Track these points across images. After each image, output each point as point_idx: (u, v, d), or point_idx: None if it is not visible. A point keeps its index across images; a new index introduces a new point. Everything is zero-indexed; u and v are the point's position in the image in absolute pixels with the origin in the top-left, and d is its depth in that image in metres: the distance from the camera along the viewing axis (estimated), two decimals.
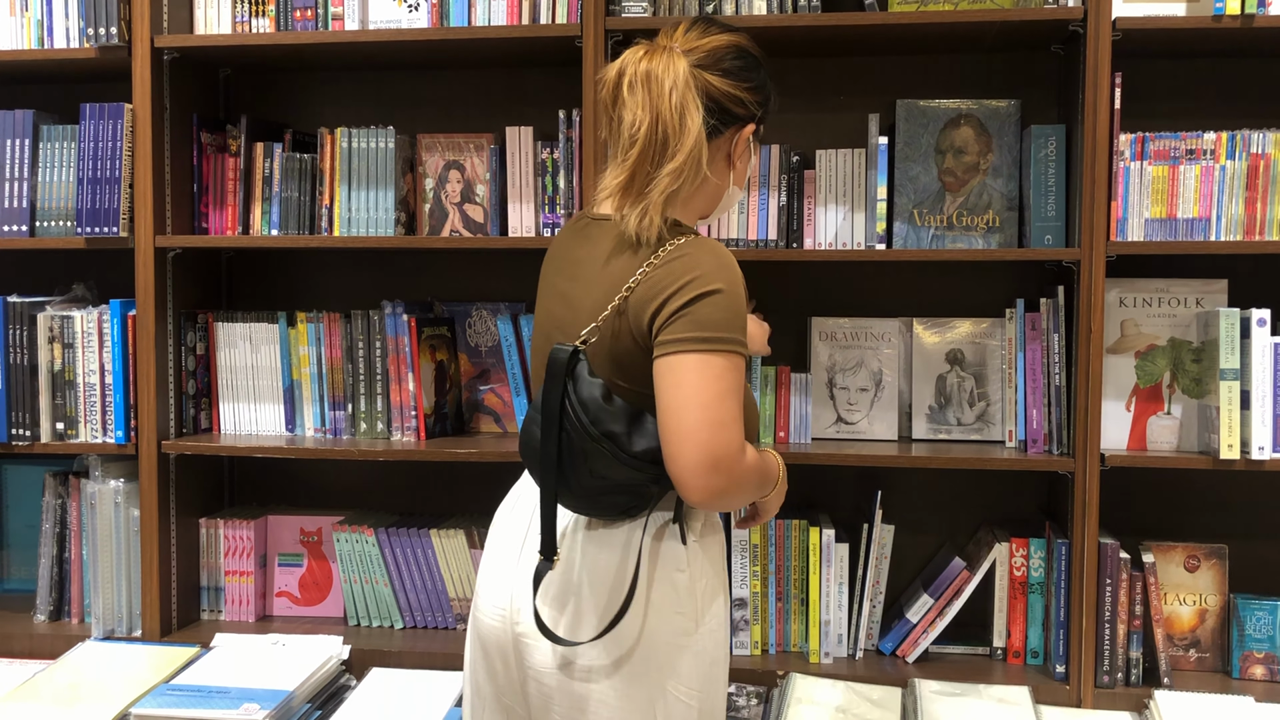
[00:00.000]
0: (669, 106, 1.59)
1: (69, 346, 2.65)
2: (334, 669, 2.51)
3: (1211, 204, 2.37)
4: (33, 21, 2.65)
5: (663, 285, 1.56)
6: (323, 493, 2.89)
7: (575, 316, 1.64)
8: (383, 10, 2.58)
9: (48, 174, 2.65)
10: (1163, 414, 2.46)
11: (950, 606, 2.49)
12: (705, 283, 1.55)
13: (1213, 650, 2.49)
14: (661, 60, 1.62)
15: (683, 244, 1.59)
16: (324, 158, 2.62)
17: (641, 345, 1.58)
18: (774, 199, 2.52)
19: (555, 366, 1.56)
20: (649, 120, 1.60)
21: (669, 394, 1.53)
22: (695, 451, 1.51)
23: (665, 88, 1.59)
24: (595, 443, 1.55)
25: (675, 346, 1.53)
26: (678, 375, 1.52)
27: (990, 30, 2.42)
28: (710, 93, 1.63)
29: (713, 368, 1.52)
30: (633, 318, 1.57)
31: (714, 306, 1.54)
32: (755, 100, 1.69)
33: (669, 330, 1.54)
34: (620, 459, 1.56)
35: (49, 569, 2.75)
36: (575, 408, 1.55)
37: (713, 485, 1.52)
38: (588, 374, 1.56)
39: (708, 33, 1.68)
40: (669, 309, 1.54)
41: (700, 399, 1.51)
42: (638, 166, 1.62)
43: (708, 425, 1.51)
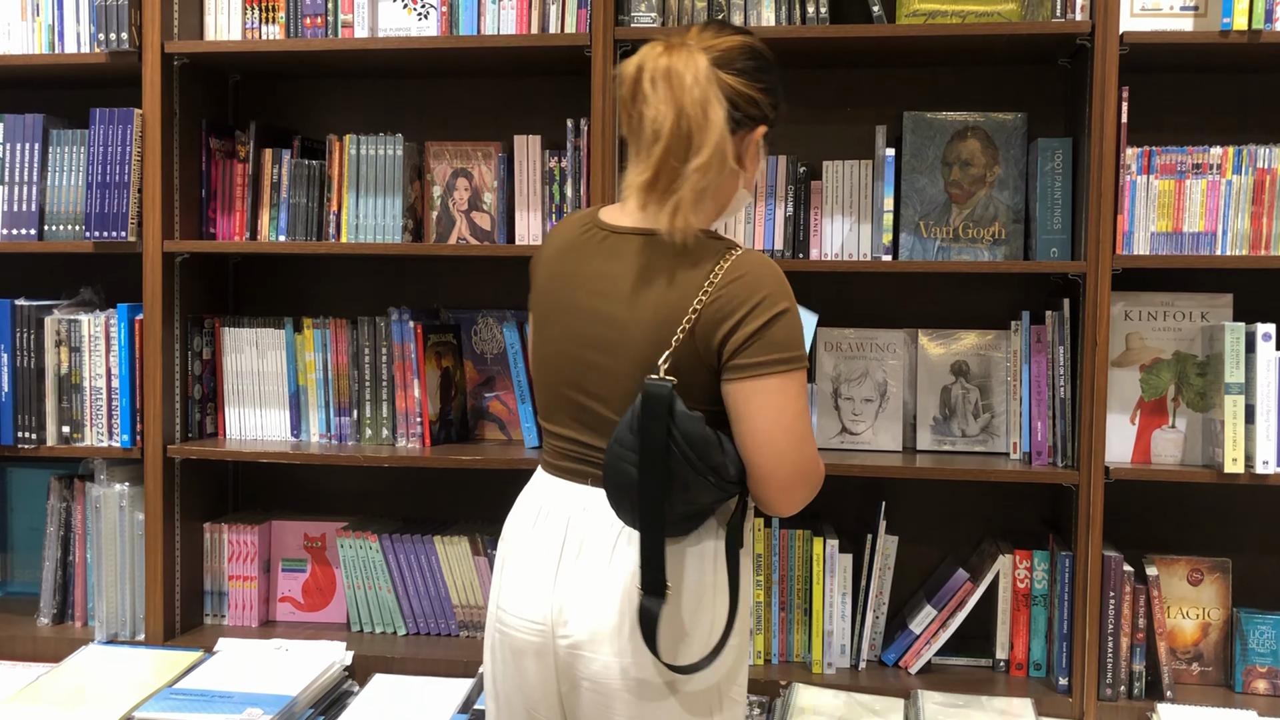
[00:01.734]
0: (692, 101, 1.57)
1: (76, 350, 2.65)
2: (337, 675, 2.51)
3: (1217, 218, 2.38)
4: (44, 26, 2.67)
5: (731, 307, 1.57)
6: (327, 498, 2.90)
7: (623, 338, 1.62)
8: (392, 18, 2.59)
9: (57, 178, 2.66)
10: (1167, 427, 2.46)
11: (953, 618, 2.49)
12: (774, 303, 1.58)
13: (1215, 664, 2.49)
14: (682, 56, 1.60)
15: (736, 260, 1.60)
16: (332, 164, 2.63)
17: (707, 365, 1.59)
18: (780, 209, 2.53)
19: (656, 404, 1.54)
20: (673, 115, 1.58)
21: (757, 418, 1.56)
22: (789, 472, 1.57)
23: (687, 82, 1.58)
24: (701, 476, 1.56)
25: (757, 370, 1.56)
26: (764, 399, 1.56)
27: (998, 43, 2.42)
28: (725, 92, 1.62)
29: (793, 387, 1.57)
30: (700, 340, 1.58)
31: (785, 327, 1.58)
32: (768, 102, 1.69)
33: (746, 354, 1.56)
34: (720, 487, 1.59)
35: (53, 572, 2.76)
36: (681, 445, 1.54)
37: (801, 498, 1.62)
38: (685, 408, 1.55)
39: (722, 33, 1.68)
40: (743, 332, 1.56)
41: (786, 421, 1.56)
42: (662, 163, 1.60)
43: (796, 445, 1.57)
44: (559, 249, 1.75)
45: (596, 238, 1.70)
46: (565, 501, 1.70)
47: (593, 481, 1.67)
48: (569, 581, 1.65)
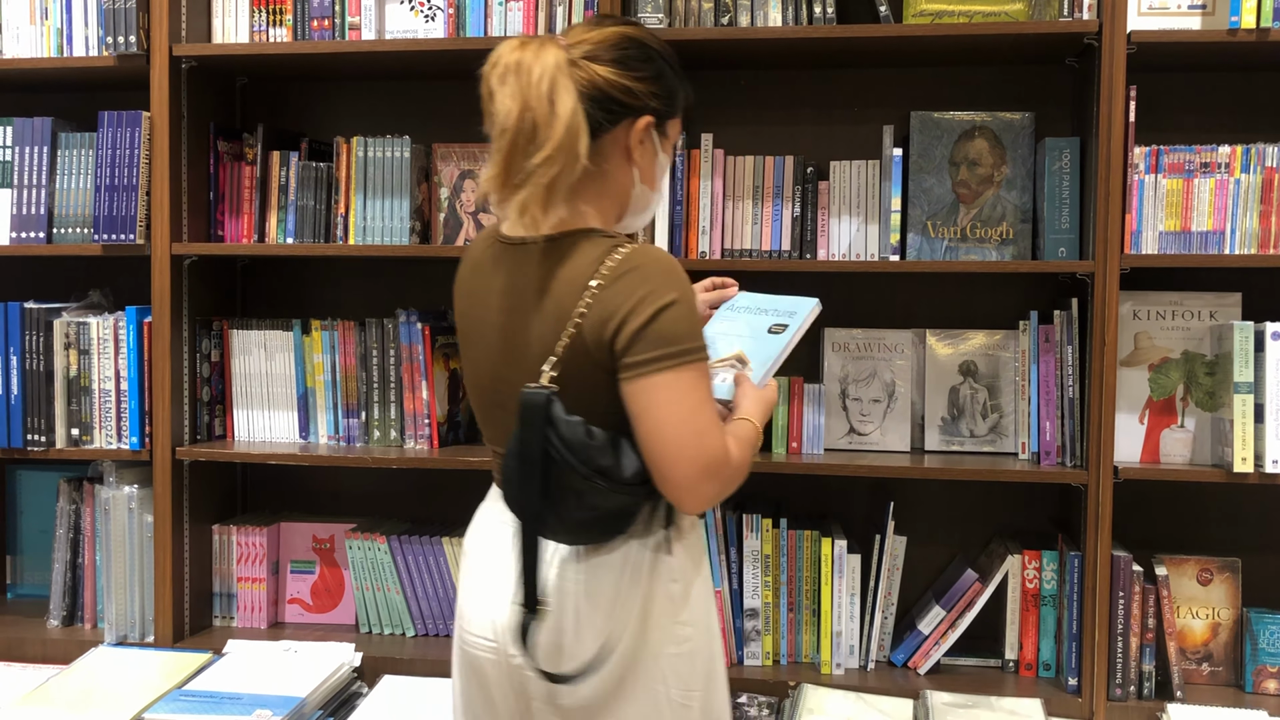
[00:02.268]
0: (538, 95, 1.53)
1: (85, 353, 2.66)
2: (345, 676, 2.51)
3: (1226, 217, 2.37)
4: (52, 30, 2.67)
5: (616, 305, 1.52)
6: (335, 500, 2.90)
7: (527, 350, 1.59)
8: (399, 20, 2.59)
9: (66, 181, 2.67)
10: (1176, 427, 2.45)
11: (962, 618, 2.48)
12: (659, 296, 1.51)
13: (1226, 664, 2.48)
14: (532, 50, 1.56)
15: (623, 257, 1.54)
16: (339, 167, 2.63)
17: (605, 368, 1.54)
18: (788, 210, 2.53)
19: (532, 412, 1.52)
20: (517, 109, 1.53)
21: (648, 416, 1.51)
22: (686, 467, 1.51)
23: (534, 75, 1.53)
24: (588, 480, 1.53)
25: (644, 368, 1.50)
26: (652, 396, 1.50)
27: (1005, 43, 2.42)
28: (597, 83, 1.58)
29: (684, 381, 1.51)
30: (591, 343, 1.53)
31: (672, 319, 1.51)
32: (648, 91, 1.63)
33: (633, 352, 1.51)
34: (615, 490, 1.54)
35: (63, 574, 2.76)
36: (561, 451, 1.52)
37: (709, 493, 1.54)
38: (564, 414, 1.53)
39: (599, 25, 1.64)
40: (629, 329, 1.51)
41: (679, 415, 1.50)
42: (508, 159, 1.56)
43: (692, 440, 1.50)
44: (469, 267, 1.73)
45: (496, 251, 1.67)
46: (502, 517, 1.68)
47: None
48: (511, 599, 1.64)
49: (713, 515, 2.51)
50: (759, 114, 2.72)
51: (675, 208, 2.50)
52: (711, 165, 2.52)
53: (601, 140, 1.60)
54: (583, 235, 1.59)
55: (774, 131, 2.70)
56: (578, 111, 1.54)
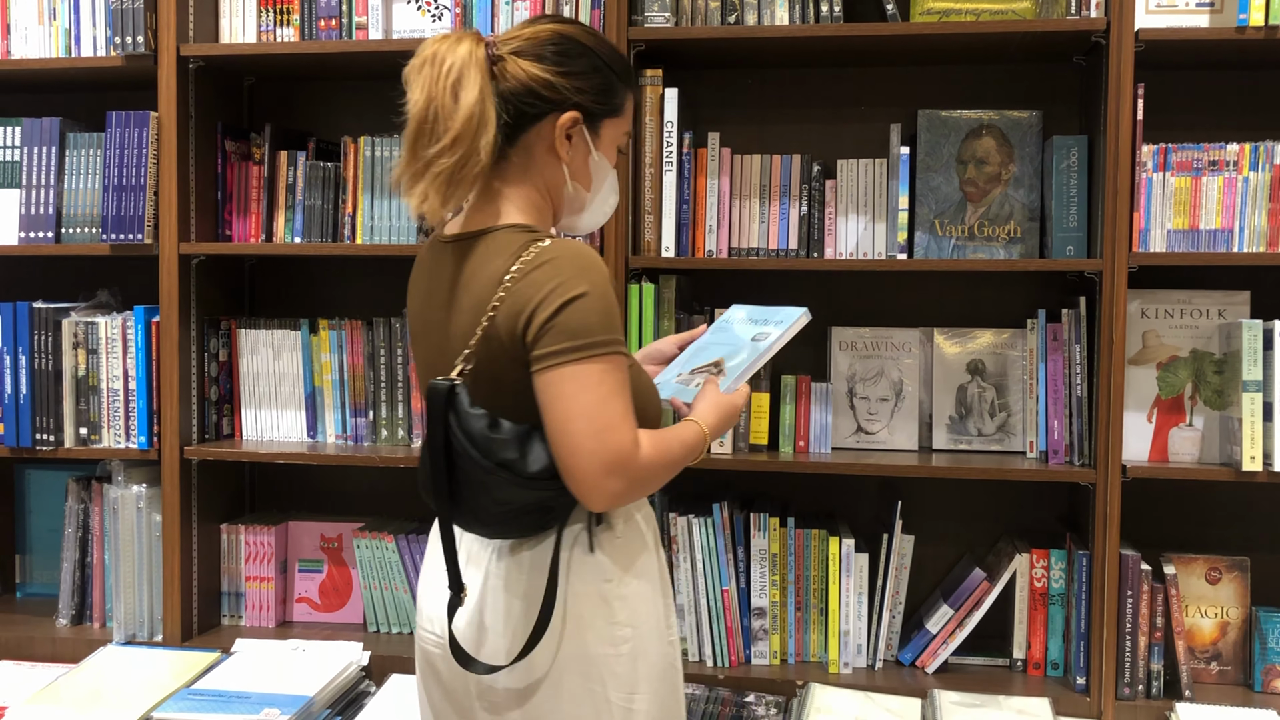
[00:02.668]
0: (443, 88, 1.55)
1: (93, 352, 2.67)
2: (354, 675, 2.52)
3: (1234, 215, 2.37)
4: (60, 30, 2.68)
5: (526, 299, 1.51)
6: (343, 499, 2.91)
7: (449, 345, 1.60)
8: (406, 20, 2.60)
9: (74, 181, 2.67)
10: (1184, 425, 2.45)
11: (970, 617, 2.48)
12: (568, 289, 1.50)
13: (1234, 663, 2.48)
14: (450, 42, 1.58)
15: (539, 251, 1.54)
16: (347, 166, 2.64)
17: (519, 361, 1.54)
18: (795, 208, 2.52)
19: (433, 403, 1.54)
20: (423, 101, 1.56)
21: (551, 410, 1.51)
22: (586, 461, 1.49)
23: (444, 68, 1.55)
24: (491, 474, 1.53)
25: (549, 361, 1.50)
26: (557, 389, 1.50)
27: (1012, 41, 2.42)
28: (519, 78, 1.59)
29: (590, 375, 1.50)
30: (504, 335, 1.53)
31: (580, 312, 1.50)
32: (573, 86, 1.62)
33: (541, 345, 1.50)
34: (520, 484, 1.53)
35: (71, 573, 2.77)
36: (463, 443, 1.53)
37: (612, 490, 1.51)
38: (468, 406, 1.53)
39: (535, 23, 1.65)
40: (536, 322, 1.50)
41: (581, 409, 1.49)
42: (413, 147, 1.58)
43: (593, 434, 1.49)
44: (417, 268, 1.75)
45: (437, 250, 1.69)
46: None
47: None
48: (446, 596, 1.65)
49: (719, 514, 2.50)
50: (766, 113, 2.71)
51: (682, 206, 2.50)
52: (718, 164, 2.51)
53: (526, 135, 1.62)
54: (504, 230, 1.60)
55: (781, 130, 2.70)
56: (480, 104, 1.55)
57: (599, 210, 1.74)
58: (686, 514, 2.52)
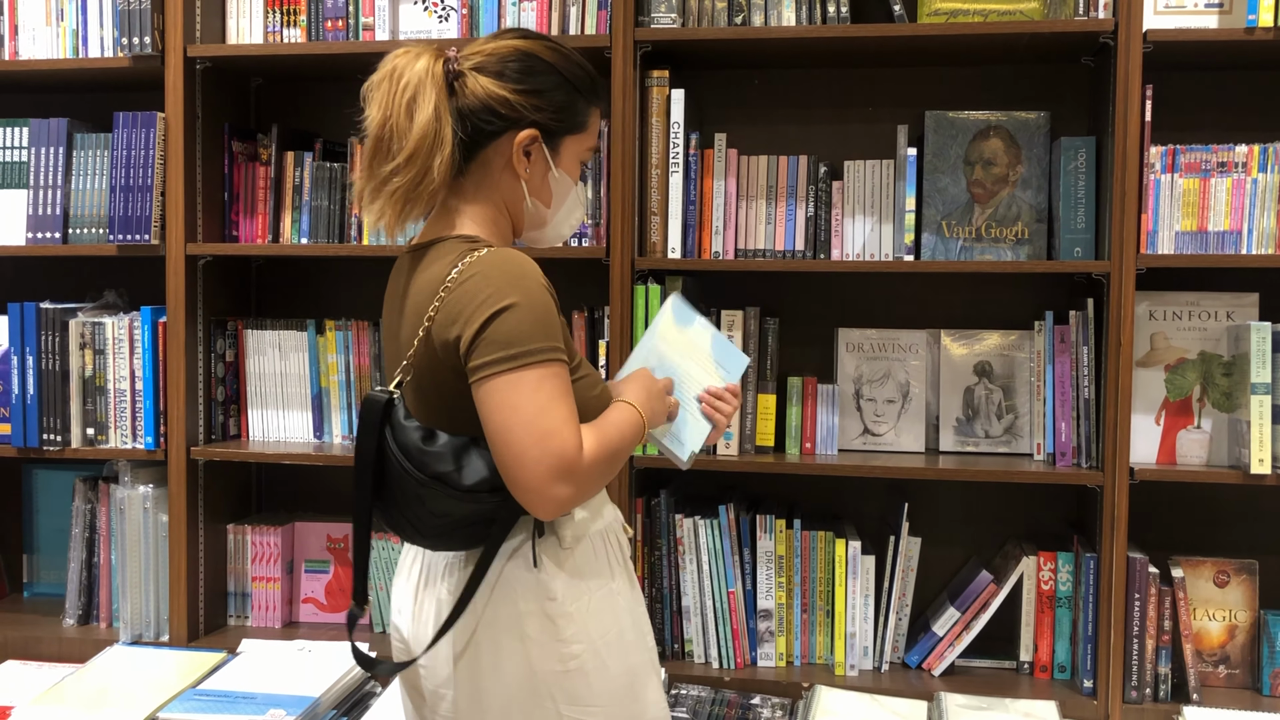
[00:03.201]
0: (398, 105, 1.54)
1: (100, 353, 2.67)
2: (359, 676, 2.51)
3: (1243, 217, 2.36)
4: (68, 31, 2.68)
5: (458, 310, 1.51)
6: (350, 500, 2.88)
7: (398, 353, 1.60)
8: (413, 20, 2.60)
9: (81, 182, 2.68)
10: (1192, 428, 2.44)
11: (977, 620, 2.47)
12: (497, 300, 1.49)
13: (1243, 667, 2.47)
14: (409, 58, 1.57)
15: (472, 262, 1.53)
16: (354, 167, 2.64)
17: (456, 372, 1.53)
18: (801, 210, 2.52)
19: (368, 415, 1.53)
20: (380, 118, 1.56)
21: (490, 421, 1.49)
22: (531, 470, 1.47)
23: (400, 85, 1.55)
24: (426, 487, 1.52)
25: (485, 371, 1.48)
26: (494, 400, 1.48)
27: (1020, 42, 2.41)
28: (477, 94, 1.57)
29: (525, 384, 1.48)
30: (439, 346, 1.53)
31: (510, 322, 1.49)
32: (528, 104, 1.60)
33: (474, 356, 1.49)
34: (456, 497, 1.52)
35: (78, 573, 2.78)
36: (398, 455, 1.52)
37: (560, 496, 1.49)
38: (403, 418, 1.53)
39: (498, 37, 1.63)
40: (468, 334, 1.49)
41: (520, 418, 1.47)
42: (370, 164, 1.58)
43: (535, 442, 1.47)
44: (391, 276, 1.74)
45: (401, 260, 1.69)
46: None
47: None
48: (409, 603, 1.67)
49: (725, 515, 2.50)
50: (772, 113, 2.71)
51: (688, 207, 2.49)
52: (725, 165, 2.51)
53: (484, 151, 1.61)
54: (449, 241, 1.59)
55: (788, 131, 2.70)
56: (434, 122, 1.54)
57: (562, 225, 1.73)
58: (692, 515, 2.51)
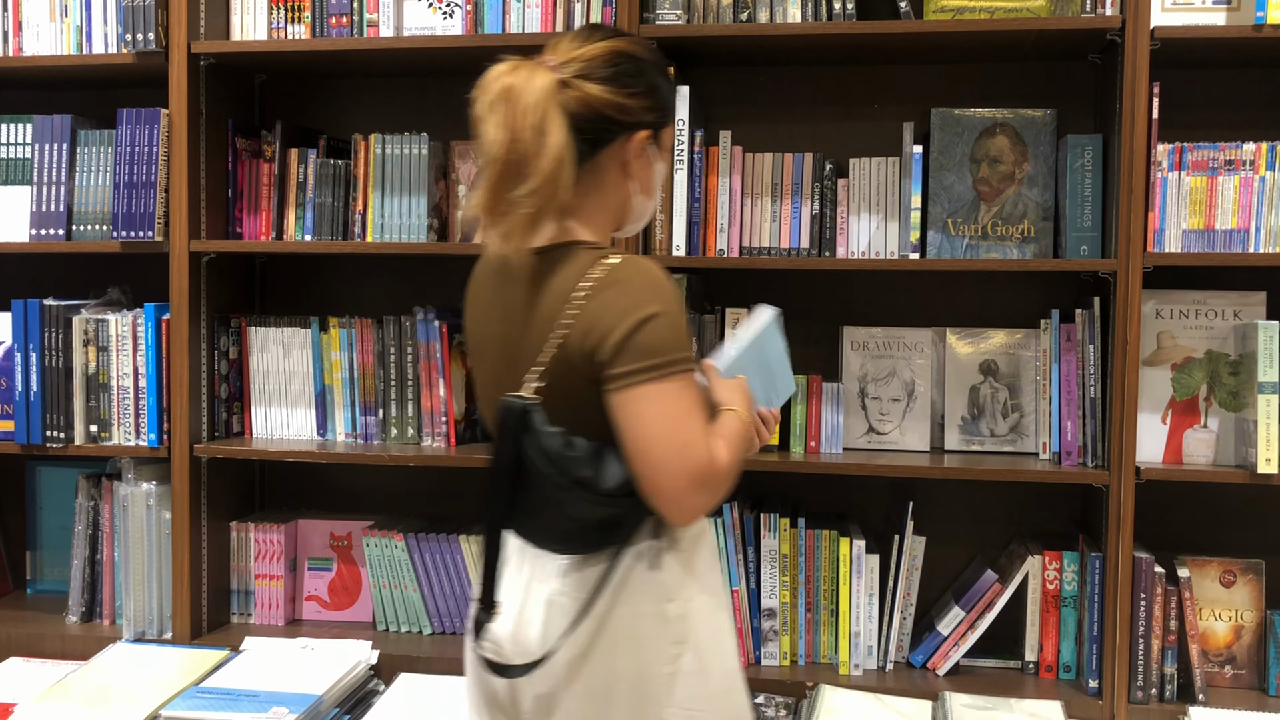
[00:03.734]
0: (526, 125, 1.51)
1: (103, 349, 2.67)
2: (362, 674, 2.51)
3: (1250, 215, 2.35)
4: (71, 27, 2.68)
5: (599, 318, 1.51)
6: (353, 497, 2.90)
7: (518, 363, 1.59)
8: (417, 17, 2.59)
9: (85, 178, 2.67)
10: (1199, 427, 2.43)
11: (982, 619, 2.47)
12: (640, 309, 1.50)
13: (1249, 667, 2.46)
14: (523, 75, 1.54)
15: (609, 270, 1.53)
16: (358, 164, 2.63)
17: (590, 379, 1.53)
18: (806, 207, 2.51)
19: (507, 422, 1.53)
20: (505, 141, 1.52)
21: (632, 430, 1.50)
22: (672, 480, 1.50)
23: (522, 105, 1.52)
24: (568, 491, 1.52)
25: (627, 380, 1.49)
26: (636, 408, 1.49)
27: (1027, 39, 2.40)
28: (590, 103, 1.56)
29: (667, 394, 1.49)
30: (575, 354, 1.53)
31: (653, 331, 1.50)
32: (642, 106, 1.60)
33: (617, 364, 1.50)
34: (596, 501, 1.53)
35: (81, 570, 2.77)
36: (540, 460, 1.52)
37: (698, 505, 1.53)
38: (543, 424, 1.53)
39: (588, 40, 1.61)
40: (611, 342, 1.50)
41: (663, 428, 1.49)
42: (495, 189, 1.54)
43: (677, 453, 1.49)
44: (476, 282, 1.73)
45: (496, 265, 1.66)
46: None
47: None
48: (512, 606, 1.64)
49: (729, 514, 2.49)
50: (778, 111, 2.70)
51: (693, 205, 2.49)
52: (730, 162, 2.50)
53: (597, 158, 1.59)
54: (571, 248, 1.58)
55: (793, 128, 2.69)
56: (565, 145, 1.52)
57: (650, 212, 1.75)
58: None
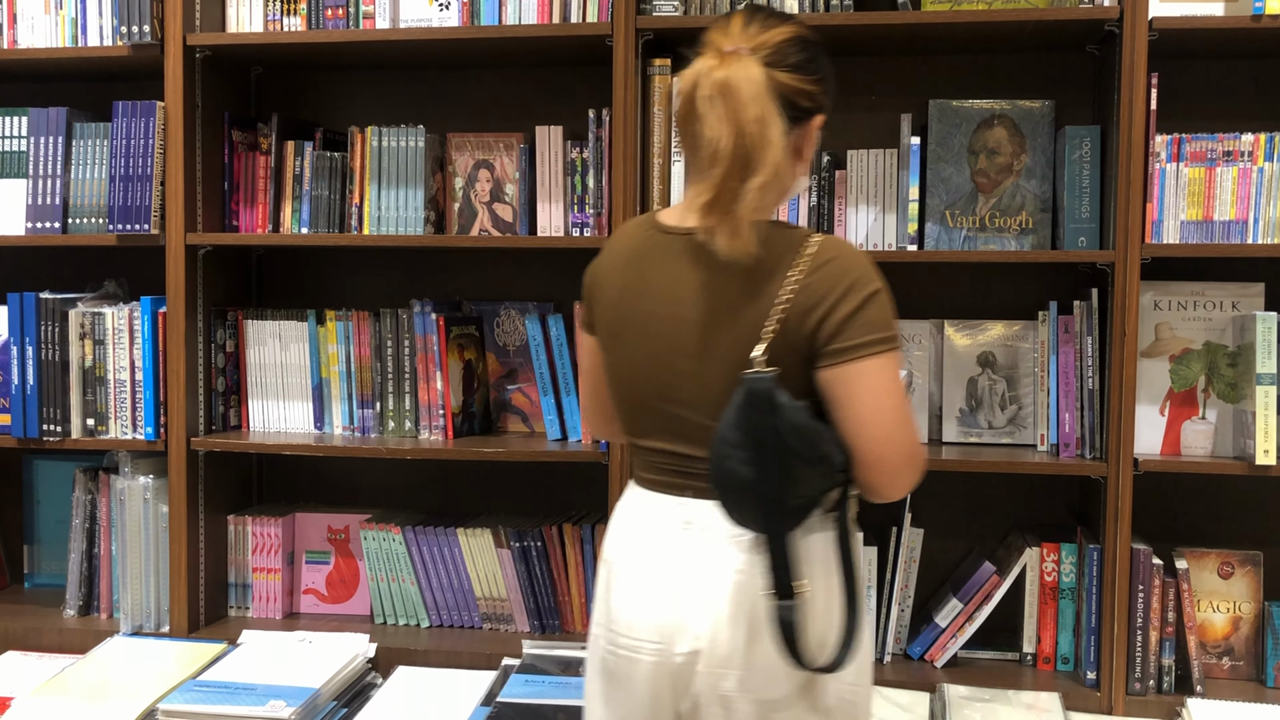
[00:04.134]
0: (750, 119, 1.52)
1: (100, 343, 2.66)
2: (360, 667, 2.51)
3: (1249, 206, 2.34)
4: (67, 19, 2.67)
5: (823, 293, 1.53)
6: (350, 491, 2.90)
7: (711, 340, 1.57)
8: (413, 9, 2.58)
9: (80, 171, 2.67)
10: (1197, 419, 2.43)
11: (980, 611, 2.47)
12: (865, 284, 1.55)
13: (1246, 658, 2.46)
14: (737, 67, 1.54)
15: (819, 246, 1.57)
16: (354, 156, 2.62)
17: (804, 357, 1.55)
18: (805, 199, 2.50)
19: (759, 398, 1.50)
20: (731, 135, 1.52)
21: (862, 402, 1.52)
22: (896, 454, 1.52)
23: (744, 98, 1.52)
24: (811, 466, 1.52)
25: (858, 353, 1.52)
26: (869, 382, 1.52)
27: (1025, 30, 2.39)
28: (782, 90, 1.57)
29: (892, 368, 1.54)
30: (793, 331, 1.54)
31: (880, 307, 1.55)
32: (822, 91, 1.65)
33: (843, 338, 1.52)
34: (828, 477, 1.54)
35: (79, 564, 2.77)
36: (788, 436, 1.51)
37: (911, 481, 1.57)
38: (789, 399, 1.51)
39: (768, 25, 1.61)
40: (838, 316, 1.52)
41: (893, 401, 1.53)
42: (722, 184, 1.54)
43: (903, 426, 1.54)
44: (624, 259, 1.69)
45: (663, 243, 1.64)
46: (666, 517, 1.64)
47: (692, 493, 1.62)
48: (680, 598, 1.60)
49: None
50: None
51: None
52: None
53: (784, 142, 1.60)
54: (765, 226, 1.58)
55: None
56: (786, 133, 1.56)
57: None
58: None
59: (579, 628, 2.63)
